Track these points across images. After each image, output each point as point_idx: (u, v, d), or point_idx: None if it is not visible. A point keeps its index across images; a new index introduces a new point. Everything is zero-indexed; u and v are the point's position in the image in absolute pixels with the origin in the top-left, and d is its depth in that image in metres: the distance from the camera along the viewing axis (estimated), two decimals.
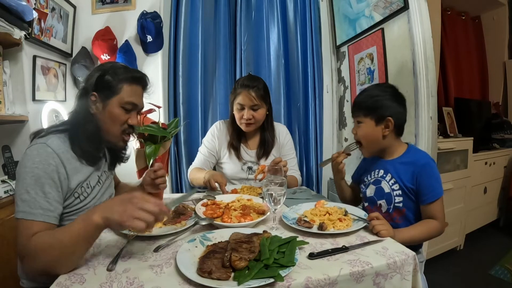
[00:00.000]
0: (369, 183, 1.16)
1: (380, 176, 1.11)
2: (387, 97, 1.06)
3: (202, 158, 1.56)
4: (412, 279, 0.74)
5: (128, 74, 0.95)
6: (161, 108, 1.81)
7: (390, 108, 1.05)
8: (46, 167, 0.77)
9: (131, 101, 0.95)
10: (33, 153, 0.78)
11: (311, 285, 0.64)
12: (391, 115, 1.05)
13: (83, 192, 0.88)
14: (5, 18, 1.34)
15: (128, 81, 0.94)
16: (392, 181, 1.07)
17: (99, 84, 0.91)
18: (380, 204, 1.11)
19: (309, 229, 0.88)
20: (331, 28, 2.41)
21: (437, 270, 2.01)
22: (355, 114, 1.11)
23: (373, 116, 1.05)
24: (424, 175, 1.02)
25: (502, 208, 2.70)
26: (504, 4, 3.09)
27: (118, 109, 0.93)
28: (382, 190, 1.10)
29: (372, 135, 1.07)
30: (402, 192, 1.05)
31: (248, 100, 1.43)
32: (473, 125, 2.49)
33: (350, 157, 2.35)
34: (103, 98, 0.92)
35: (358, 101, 1.10)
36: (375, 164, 1.16)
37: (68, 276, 0.66)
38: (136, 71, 0.99)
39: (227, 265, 0.65)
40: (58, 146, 0.82)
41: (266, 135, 1.56)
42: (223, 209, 1.02)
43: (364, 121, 1.08)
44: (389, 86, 1.11)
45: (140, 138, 1.50)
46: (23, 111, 1.59)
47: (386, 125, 1.06)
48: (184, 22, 2.11)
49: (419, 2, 1.57)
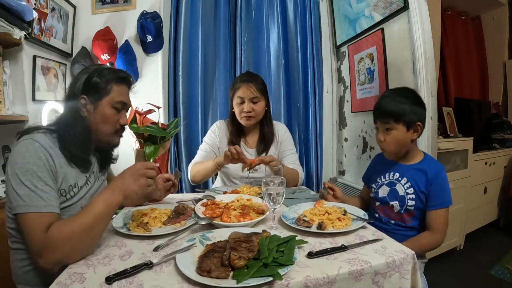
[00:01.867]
0: (382, 184, 1.19)
1: (396, 179, 1.15)
2: (413, 102, 1.08)
3: (203, 154, 1.56)
4: (411, 278, 0.74)
5: (115, 74, 0.97)
6: (161, 108, 1.83)
7: (418, 113, 1.08)
8: (37, 161, 0.78)
9: (121, 100, 0.97)
10: (22, 149, 0.79)
11: (310, 284, 0.64)
12: (419, 120, 1.08)
13: (70, 191, 0.88)
14: (5, 18, 1.34)
15: (116, 81, 0.96)
16: (407, 185, 1.11)
17: (87, 86, 0.92)
18: (393, 205, 1.14)
19: (308, 228, 0.88)
20: (331, 28, 2.41)
21: (437, 270, 2.00)
22: (383, 121, 1.10)
23: (404, 122, 1.07)
24: (436, 183, 1.06)
25: (502, 208, 2.70)
26: (504, 4, 3.09)
27: (110, 109, 0.95)
28: (396, 192, 1.14)
29: (403, 140, 1.09)
30: (415, 196, 1.10)
31: (249, 92, 1.45)
32: (473, 125, 2.49)
33: (350, 158, 2.37)
34: (93, 100, 0.93)
35: (384, 108, 1.09)
36: (390, 167, 1.19)
37: (68, 275, 0.66)
38: (121, 71, 1.01)
39: (226, 264, 0.65)
40: (45, 141, 0.83)
41: (265, 130, 1.58)
42: (222, 209, 1.02)
43: (395, 128, 1.08)
44: (409, 90, 1.13)
45: (140, 139, 1.50)
46: (23, 111, 1.60)
47: (416, 129, 1.09)
48: (184, 22, 2.11)
49: (419, 2, 1.57)
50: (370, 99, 2.04)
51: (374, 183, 1.23)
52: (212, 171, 1.46)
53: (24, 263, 0.84)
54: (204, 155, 1.56)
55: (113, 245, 0.82)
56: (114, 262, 0.72)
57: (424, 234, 1.09)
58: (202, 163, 1.49)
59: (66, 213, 0.84)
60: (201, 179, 1.50)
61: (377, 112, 1.14)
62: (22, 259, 0.84)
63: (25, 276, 0.84)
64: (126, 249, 0.79)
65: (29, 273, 0.84)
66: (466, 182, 2.22)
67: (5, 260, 0.89)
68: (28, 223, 0.74)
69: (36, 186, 0.76)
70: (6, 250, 0.87)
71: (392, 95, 1.11)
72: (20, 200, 0.74)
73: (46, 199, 0.76)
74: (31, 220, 0.73)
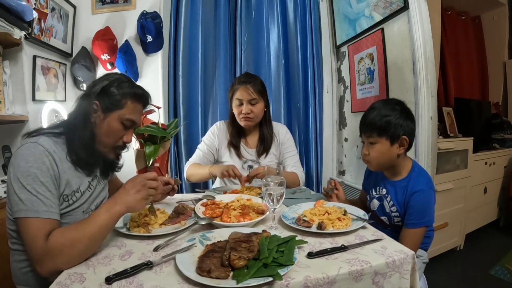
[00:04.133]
0: (373, 197, 1.19)
1: (383, 195, 1.14)
2: (399, 115, 1.04)
3: (200, 154, 1.57)
4: (410, 278, 0.74)
5: (133, 90, 0.94)
6: (161, 108, 1.82)
7: (404, 127, 1.04)
8: (41, 166, 0.77)
9: (131, 119, 0.94)
10: (26, 152, 0.78)
11: (310, 284, 0.64)
12: (405, 133, 1.04)
13: (72, 196, 0.87)
14: (5, 18, 1.34)
15: (132, 98, 0.94)
16: (391, 203, 1.11)
17: (103, 94, 0.90)
18: (382, 220, 1.15)
19: (308, 228, 0.88)
20: (331, 28, 2.41)
21: (437, 270, 2.00)
22: (367, 135, 1.07)
23: (388, 136, 1.03)
24: (413, 202, 1.03)
25: (502, 208, 2.70)
26: (504, 4, 3.08)
27: (118, 124, 0.92)
28: (384, 208, 1.14)
29: (387, 154, 1.06)
30: (399, 214, 1.09)
31: (247, 94, 1.45)
32: (473, 125, 2.49)
33: (350, 158, 2.37)
34: (104, 109, 0.91)
35: (369, 121, 1.06)
36: (379, 181, 1.17)
37: (68, 275, 0.66)
38: (140, 87, 0.99)
39: (226, 264, 0.65)
40: (49, 146, 0.82)
41: (265, 131, 1.57)
42: (222, 209, 1.02)
43: (378, 142, 1.05)
44: (397, 103, 1.09)
45: (140, 139, 1.50)
46: (23, 111, 1.60)
47: (401, 143, 1.05)
48: (184, 22, 2.11)
49: (419, 2, 1.57)
50: (370, 99, 2.04)
51: (368, 194, 1.23)
52: (206, 178, 1.48)
53: (24, 264, 0.84)
54: (201, 156, 1.56)
55: (113, 245, 0.82)
56: (114, 262, 0.72)
57: None
58: (198, 168, 1.50)
59: (67, 218, 0.84)
60: (195, 181, 1.54)
61: (361, 126, 1.10)
62: (21, 260, 0.84)
63: (24, 277, 0.84)
64: (126, 249, 0.79)
65: (29, 274, 0.84)
66: (466, 182, 2.22)
67: (5, 260, 0.89)
68: (28, 228, 0.73)
69: (37, 191, 0.75)
70: (6, 251, 0.87)
71: (378, 107, 1.07)
72: (21, 205, 0.73)
73: (48, 205, 0.76)
74: (31, 226, 0.73)
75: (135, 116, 0.95)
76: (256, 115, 1.50)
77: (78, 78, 1.97)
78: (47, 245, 0.70)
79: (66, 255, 0.70)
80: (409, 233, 1.03)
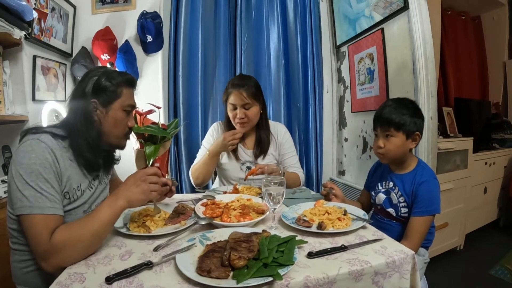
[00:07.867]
0: (379, 191, 1.23)
1: (390, 188, 1.19)
2: (414, 113, 1.13)
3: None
4: (410, 278, 0.75)
5: (123, 77, 0.97)
6: (161, 108, 1.82)
7: (418, 124, 1.13)
8: (43, 162, 0.77)
9: (131, 103, 0.99)
10: (28, 149, 0.77)
11: (310, 284, 0.64)
12: (418, 130, 1.13)
13: (73, 195, 0.87)
14: (5, 18, 1.34)
15: (125, 84, 0.96)
16: (399, 194, 1.15)
17: (98, 90, 0.91)
18: (389, 212, 1.18)
19: (308, 228, 0.88)
20: (331, 28, 2.41)
21: (437, 270, 2.00)
22: (384, 128, 1.14)
23: (404, 131, 1.11)
24: (421, 190, 1.10)
25: (502, 208, 2.70)
26: (504, 4, 3.09)
27: (121, 112, 0.96)
28: (391, 200, 1.18)
29: (402, 148, 1.13)
30: (406, 205, 1.14)
31: (239, 100, 1.43)
32: (473, 125, 2.49)
33: (350, 158, 2.37)
34: (104, 104, 0.92)
35: (386, 117, 1.13)
36: (386, 176, 1.23)
37: (68, 275, 0.66)
38: (126, 73, 1.01)
39: (226, 264, 0.65)
40: (51, 142, 0.82)
41: (261, 134, 1.56)
42: (222, 209, 1.02)
43: (395, 135, 1.12)
44: (411, 101, 1.18)
45: (140, 139, 1.50)
46: (23, 111, 1.60)
47: (414, 139, 1.14)
48: (184, 22, 2.11)
49: (419, 2, 1.57)
50: (370, 99, 2.04)
51: (373, 190, 1.28)
52: (210, 164, 1.46)
53: (24, 264, 0.83)
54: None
55: (113, 245, 0.82)
56: (114, 262, 0.72)
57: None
58: (198, 162, 1.50)
59: (68, 217, 0.84)
60: (203, 178, 1.50)
61: (378, 120, 1.17)
62: (21, 260, 0.83)
63: (24, 277, 0.84)
64: (126, 249, 0.79)
65: (29, 274, 0.84)
66: (466, 182, 2.22)
67: (5, 260, 0.89)
68: (33, 225, 0.73)
69: (42, 188, 0.75)
70: (6, 251, 0.87)
71: (395, 104, 1.15)
72: (25, 201, 0.73)
73: (52, 201, 0.76)
74: (36, 222, 0.73)
75: (132, 100, 1.00)
76: (251, 119, 1.47)
77: (78, 78, 1.96)
78: (52, 241, 0.71)
79: (71, 250, 0.71)
80: (417, 221, 1.07)
